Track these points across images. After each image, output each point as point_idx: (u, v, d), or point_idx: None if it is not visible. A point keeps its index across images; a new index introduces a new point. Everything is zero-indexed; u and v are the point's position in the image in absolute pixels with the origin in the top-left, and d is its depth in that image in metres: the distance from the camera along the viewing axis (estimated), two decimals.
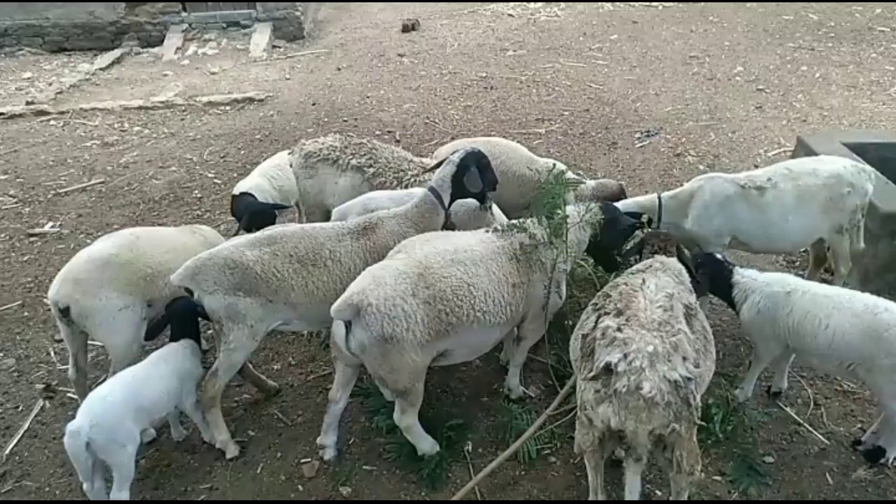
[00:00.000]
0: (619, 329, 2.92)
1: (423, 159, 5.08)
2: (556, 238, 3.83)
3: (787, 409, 4.06)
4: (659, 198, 4.68)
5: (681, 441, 2.76)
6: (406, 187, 4.76)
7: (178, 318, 3.77)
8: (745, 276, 3.97)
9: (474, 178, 4.11)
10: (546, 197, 3.95)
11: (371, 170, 4.89)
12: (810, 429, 3.92)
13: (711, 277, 3.98)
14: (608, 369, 2.78)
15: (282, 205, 5.21)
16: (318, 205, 5.16)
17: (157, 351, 3.80)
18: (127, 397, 3.38)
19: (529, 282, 3.79)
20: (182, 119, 9.12)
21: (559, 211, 3.88)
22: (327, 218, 5.19)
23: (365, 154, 4.96)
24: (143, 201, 7.00)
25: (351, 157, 4.95)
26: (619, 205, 4.56)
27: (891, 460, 3.63)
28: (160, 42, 12.24)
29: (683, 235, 4.61)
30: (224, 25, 12.63)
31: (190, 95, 9.82)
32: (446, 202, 4.10)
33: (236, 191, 5.28)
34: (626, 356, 2.77)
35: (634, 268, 3.65)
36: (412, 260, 3.53)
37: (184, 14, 12.55)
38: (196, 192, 7.15)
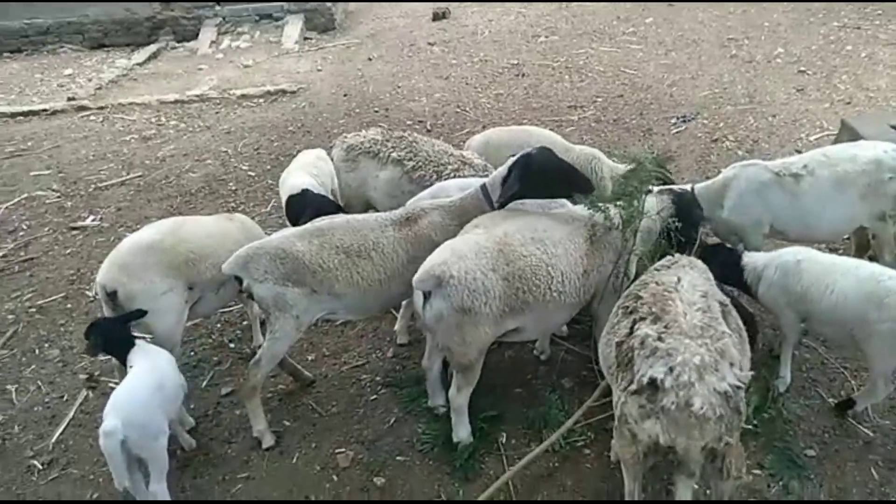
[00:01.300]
0: (659, 338, 2.78)
1: (464, 153, 5.04)
2: (630, 223, 3.83)
3: (830, 401, 3.95)
4: (692, 188, 4.59)
5: (730, 449, 2.66)
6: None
7: (106, 338, 3.72)
8: (754, 258, 4.02)
9: (511, 181, 3.90)
10: (628, 184, 3.98)
11: (411, 163, 4.88)
12: (854, 422, 3.80)
13: (721, 266, 3.88)
14: (654, 384, 2.65)
15: (342, 206, 5.12)
16: (358, 197, 5.19)
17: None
18: (152, 390, 3.44)
19: (601, 264, 3.83)
20: (216, 112, 9.24)
21: (636, 200, 3.87)
22: (365, 211, 5.23)
23: (405, 147, 4.96)
24: (179, 194, 7.13)
25: (392, 150, 4.96)
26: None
27: (860, 411, 3.80)
28: (195, 36, 12.41)
29: (719, 226, 4.52)
30: (257, 18, 12.74)
31: (224, 89, 9.93)
32: (494, 200, 4.00)
33: (292, 191, 5.09)
34: (671, 370, 2.63)
35: (659, 264, 3.55)
36: (492, 235, 3.58)
37: (217, 8, 12.69)
38: (231, 184, 7.25)
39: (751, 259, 4.04)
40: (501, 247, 3.52)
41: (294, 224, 4.82)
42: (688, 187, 4.63)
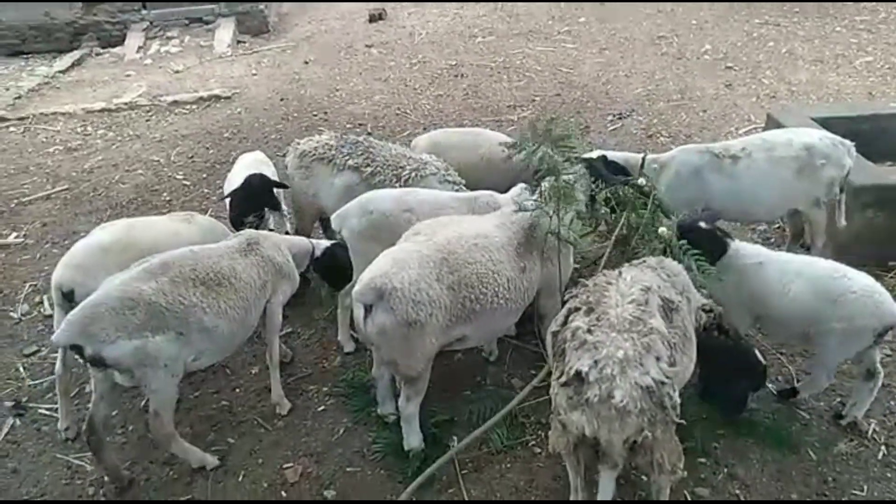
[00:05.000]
0: (589, 330, 2.82)
1: (422, 155, 4.96)
2: (560, 206, 3.74)
3: (769, 387, 4.08)
4: (643, 158, 4.72)
5: (659, 443, 2.69)
6: (406, 184, 4.66)
7: None
8: (736, 249, 3.89)
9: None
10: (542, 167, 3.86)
11: (368, 169, 4.76)
12: (791, 406, 3.93)
13: (701, 242, 3.80)
14: (580, 377, 2.69)
15: (283, 183, 5.14)
16: (312, 204, 5.05)
17: None
18: None
19: (535, 261, 3.80)
20: (147, 120, 8.90)
21: (555, 178, 3.78)
22: (318, 219, 5.13)
23: (361, 153, 4.83)
24: (109, 207, 6.81)
25: (347, 156, 4.83)
26: (609, 154, 4.68)
27: (802, 399, 3.90)
28: (121, 41, 11.92)
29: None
30: (186, 22, 12.34)
31: (154, 95, 9.59)
32: None
33: (232, 188, 5.09)
34: (596, 363, 2.67)
35: (635, 261, 3.54)
36: (435, 243, 3.50)
37: (144, 12, 12.24)
38: (164, 194, 6.98)
39: (732, 252, 3.88)
40: (445, 255, 3.44)
41: (239, 227, 4.72)
42: (639, 155, 4.78)
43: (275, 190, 5.09)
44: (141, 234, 4.23)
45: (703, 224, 3.96)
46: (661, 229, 3.84)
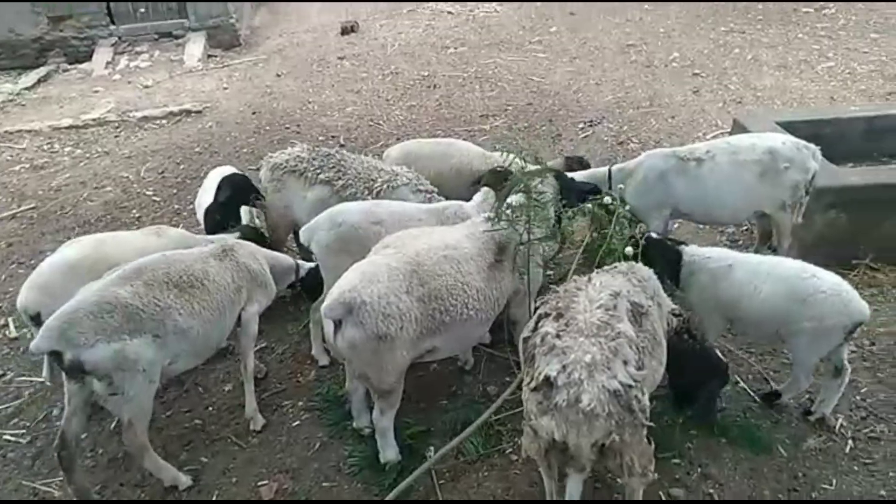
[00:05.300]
0: (557, 335, 2.84)
1: (394, 167, 4.97)
2: (530, 218, 3.79)
3: (739, 387, 4.13)
4: (609, 170, 4.87)
5: (628, 446, 2.70)
6: (378, 196, 4.66)
7: None
8: (692, 255, 4.02)
9: None
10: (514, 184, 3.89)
11: (340, 182, 4.76)
12: (763, 404, 3.98)
13: (656, 258, 3.92)
14: (549, 381, 2.71)
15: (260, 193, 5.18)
16: (285, 217, 5.02)
17: None
18: None
19: (505, 271, 3.81)
20: (116, 136, 8.79)
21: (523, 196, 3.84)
22: (290, 232, 5.10)
23: (333, 166, 4.83)
24: (77, 225, 6.71)
25: (319, 169, 4.82)
26: (576, 174, 4.80)
27: (784, 402, 3.92)
28: (88, 57, 11.77)
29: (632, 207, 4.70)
30: (156, 37, 12.23)
31: (123, 111, 9.47)
32: None
33: (206, 204, 5.17)
34: (564, 367, 2.69)
35: (606, 267, 3.58)
36: (404, 256, 3.48)
37: (112, 27, 12.10)
38: (134, 211, 6.90)
39: (689, 258, 4.00)
40: (414, 267, 3.43)
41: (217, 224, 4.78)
42: (605, 168, 4.91)
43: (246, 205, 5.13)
44: (110, 250, 4.17)
45: (653, 235, 4.10)
46: (628, 249, 3.90)
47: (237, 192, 5.17)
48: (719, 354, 3.80)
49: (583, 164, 5.54)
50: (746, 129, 5.67)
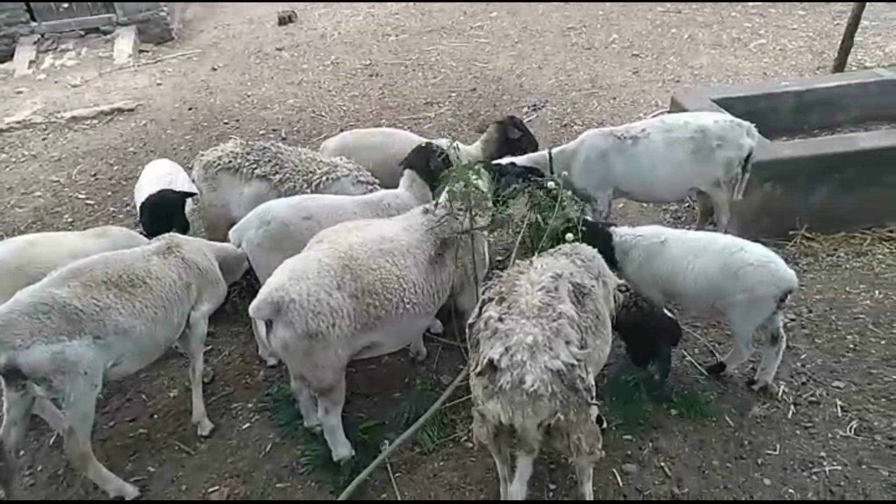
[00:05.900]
0: (500, 319, 2.83)
1: (333, 158, 4.84)
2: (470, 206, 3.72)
3: (686, 361, 4.22)
4: (549, 152, 4.92)
5: (574, 425, 2.71)
6: (318, 189, 4.55)
7: None
8: (623, 235, 4.12)
9: None
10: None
11: (277, 176, 4.61)
12: (710, 376, 4.08)
13: (594, 244, 3.91)
14: (492, 365, 2.71)
15: (192, 193, 4.94)
16: (221, 218, 4.85)
17: None
18: None
19: (446, 262, 3.75)
20: (44, 139, 8.38)
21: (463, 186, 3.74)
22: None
23: (269, 160, 4.67)
24: (6, 234, 6.36)
25: (254, 164, 4.66)
26: (517, 160, 4.85)
27: (729, 373, 4.04)
28: (10, 56, 11.14)
29: (575, 189, 4.73)
30: (82, 33, 11.66)
31: (50, 112, 9.03)
32: None
33: (143, 200, 4.88)
34: (507, 350, 2.69)
35: (551, 250, 3.59)
36: (336, 251, 3.38)
37: (33, 24, 11.48)
38: (66, 216, 6.60)
39: (620, 239, 4.08)
40: (347, 262, 3.34)
41: (153, 233, 4.47)
42: (545, 152, 4.95)
43: (188, 202, 4.91)
44: (43, 252, 3.92)
45: (588, 218, 4.21)
46: (569, 235, 3.92)
47: (162, 217, 4.75)
48: (668, 314, 3.94)
49: (516, 125, 5.48)
50: (684, 107, 5.77)
